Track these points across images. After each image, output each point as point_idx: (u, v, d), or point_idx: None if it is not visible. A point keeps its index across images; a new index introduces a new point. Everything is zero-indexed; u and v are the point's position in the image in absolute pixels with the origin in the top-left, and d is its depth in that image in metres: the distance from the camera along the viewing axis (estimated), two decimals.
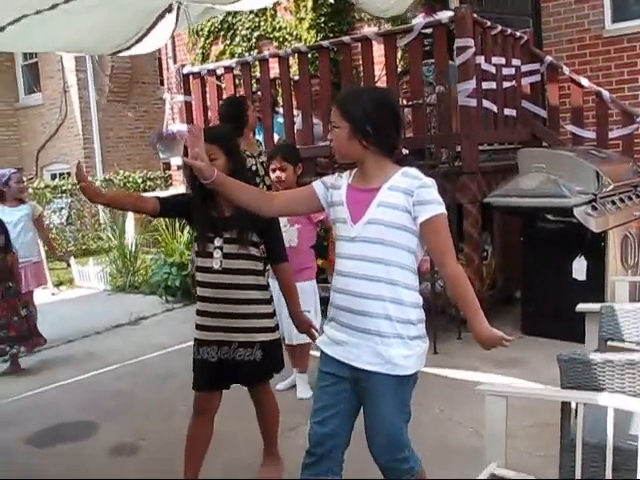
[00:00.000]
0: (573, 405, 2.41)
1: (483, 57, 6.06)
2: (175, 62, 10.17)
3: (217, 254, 3.12)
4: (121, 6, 4.39)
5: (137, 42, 5.29)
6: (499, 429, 2.55)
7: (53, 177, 15.27)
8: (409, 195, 2.42)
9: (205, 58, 10.40)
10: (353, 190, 2.55)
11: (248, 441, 3.79)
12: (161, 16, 4.84)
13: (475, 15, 5.99)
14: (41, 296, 7.69)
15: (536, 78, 7.10)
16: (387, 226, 2.44)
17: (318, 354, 4.38)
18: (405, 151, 2.63)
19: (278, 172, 4.42)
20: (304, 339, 4.38)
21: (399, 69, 6.78)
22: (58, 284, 9.82)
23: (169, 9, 4.73)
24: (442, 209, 2.45)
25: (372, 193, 2.48)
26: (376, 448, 2.55)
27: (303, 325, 3.34)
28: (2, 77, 15.82)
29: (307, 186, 2.76)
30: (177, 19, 4.85)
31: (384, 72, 6.45)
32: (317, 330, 3.38)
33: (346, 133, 2.48)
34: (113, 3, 4.29)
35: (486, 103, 6.17)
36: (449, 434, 3.91)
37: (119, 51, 5.64)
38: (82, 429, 4.42)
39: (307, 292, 4.41)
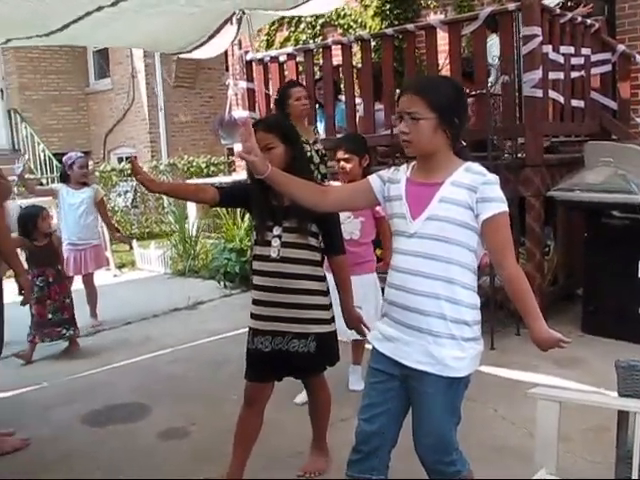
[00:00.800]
0: (630, 414, 2.31)
1: (551, 46, 5.88)
2: (240, 48, 10.19)
3: (275, 243, 3.09)
4: (189, 12, 4.44)
5: (199, 47, 5.36)
6: (551, 434, 2.47)
7: (120, 160, 15.53)
8: (472, 191, 2.34)
9: (270, 45, 10.41)
10: (413, 184, 2.47)
11: (298, 430, 3.77)
12: (225, 23, 4.90)
13: (543, 2, 5.81)
14: (103, 278, 7.85)
15: (607, 68, 6.86)
16: (449, 223, 2.36)
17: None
18: (463, 142, 2.55)
19: (343, 163, 4.34)
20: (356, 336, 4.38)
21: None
22: (120, 266, 9.99)
23: (232, 17, 4.78)
24: (505, 207, 2.36)
25: (434, 188, 2.40)
26: (423, 449, 2.49)
27: (354, 321, 3.30)
28: (74, 62, 16.12)
29: (363, 180, 2.70)
30: (239, 27, 4.89)
31: (447, 61, 6.33)
32: (368, 327, 3.31)
33: (433, 124, 2.36)
34: (181, 8, 4.34)
35: (552, 94, 6.00)
36: (501, 434, 3.82)
37: (180, 53, 5.71)
38: (135, 411, 4.49)
39: (369, 285, 4.39)
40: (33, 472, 3.70)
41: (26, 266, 5.14)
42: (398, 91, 6.77)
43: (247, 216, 8.40)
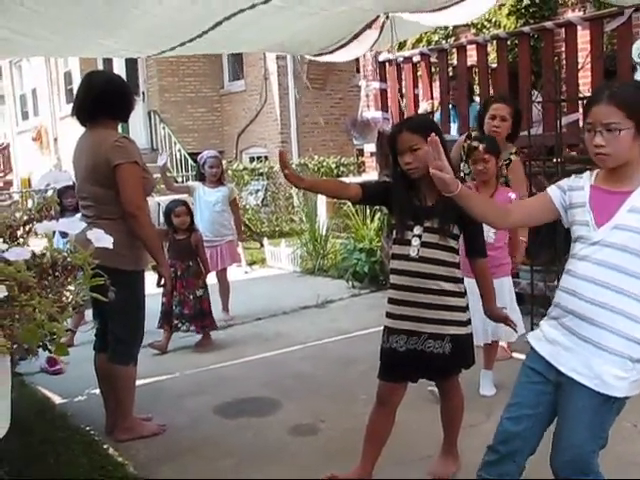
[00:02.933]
0: None
1: None
2: (372, 49, 10.21)
3: (415, 242, 3.08)
4: (335, 14, 4.50)
5: (340, 48, 5.40)
6: None
7: (251, 160, 15.92)
8: None
9: (402, 46, 10.36)
10: (598, 191, 2.38)
11: (429, 432, 3.73)
12: (366, 27, 4.92)
13: None
14: (235, 274, 8.04)
15: None
16: (637, 233, 2.26)
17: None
18: None
19: (481, 164, 4.28)
20: (498, 337, 4.31)
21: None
22: (251, 263, 10.21)
23: (375, 21, 4.80)
24: None
25: (623, 196, 2.31)
26: (559, 463, 2.39)
27: (500, 319, 3.26)
28: (210, 65, 16.65)
29: (541, 194, 2.62)
30: (381, 32, 4.90)
31: (588, 59, 6.08)
32: (515, 324, 3.28)
33: (632, 134, 2.26)
34: (330, 12, 4.41)
35: None
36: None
37: (321, 54, 5.77)
38: (265, 405, 4.57)
39: (505, 288, 4.34)
40: (169, 457, 3.84)
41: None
42: (535, 92, 6.59)
43: (377, 216, 8.40)
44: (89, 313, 4.98)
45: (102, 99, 3.86)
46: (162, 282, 4.15)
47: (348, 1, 4.32)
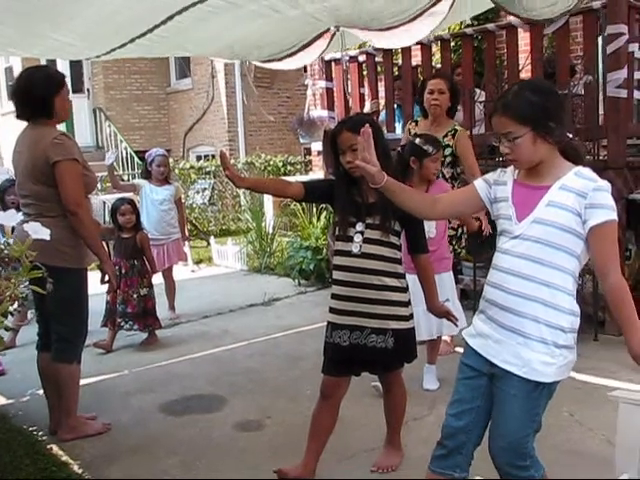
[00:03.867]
0: None
1: (637, 45, 5.73)
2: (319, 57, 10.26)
3: (357, 238, 3.13)
4: (287, 20, 4.54)
5: (290, 55, 5.44)
6: (633, 439, 2.42)
7: (198, 159, 15.83)
8: (582, 197, 2.31)
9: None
10: (520, 186, 2.47)
11: (372, 426, 3.80)
12: (318, 37, 4.98)
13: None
14: (181, 272, 8.02)
15: None
16: (554, 227, 2.34)
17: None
18: (569, 135, 2.52)
19: (438, 164, 4.44)
20: (440, 332, 4.40)
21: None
22: (198, 262, 10.17)
23: (325, 32, 4.86)
24: (614, 216, 2.33)
25: (542, 191, 2.39)
26: (496, 450, 2.48)
27: (441, 313, 3.34)
28: (156, 63, 16.47)
29: (468, 186, 2.71)
30: (330, 41, 4.97)
31: (528, 61, 6.23)
32: (456, 318, 3.36)
33: (530, 138, 2.35)
34: (281, 16, 4.44)
35: (637, 94, 5.85)
36: (578, 440, 3.74)
37: (269, 61, 5.80)
38: (211, 402, 4.58)
39: (446, 283, 4.42)
40: (115, 456, 3.82)
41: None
42: (477, 91, 6.72)
43: (323, 215, 8.46)
44: (31, 313, 4.93)
45: (38, 97, 3.82)
46: (106, 279, 4.13)
47: (300, 5, 4.35)
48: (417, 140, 4.44)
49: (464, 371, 2.58)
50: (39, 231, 1.69)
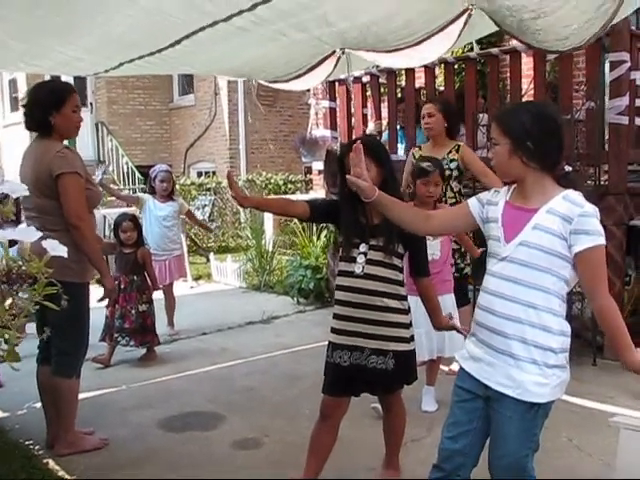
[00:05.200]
0: None
1: (639, 73, 5.78)
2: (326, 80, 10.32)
3: (360, 259, 3.14)
4: (294, 43, 4.58)
5: (296, 77, 5.49)
6: (634, 465, 2.42)
7: (199, 175, 15.85)
8: (567, 222, 2.34)
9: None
10: (510, 208, 2.50)
11: (371, 446, 3.79)
12: (324, 59, 5.03)
13: (633, 28, 5.73)
14: (180, 289, 8.01)
15: None
16: (539, 250, 2.37)
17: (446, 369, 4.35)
18: (568, 168, 2.56)
19: (432, 187, 4.36)
20: (442, 353, 4.40)
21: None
22: (197, 278, 10.18)
23: (332, 54, 4.92)
24: (601, 241, 2.35)
25: (529, 214, 2.42)
26: (496, 472, 2.49)
27: (449, 329, 3.41)
28: (160, 79, 16.51)
29: (462, 204, 2.76)
30: (336, 65, 5.02)
31: (532, 86, 6.28)
32: (465, 330, 3.37)
33: (507, 150, 2.42)
34: (289, 40, 4.49)
35: (639, 121, 5.89)
36: (577, 464, 3.74)
37: (276, 81, 5.85)
38: (210, 419, 4.57)
39: (448, 305, 4.41)
40: (111, 471, 3.80)
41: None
42: (481, 115, 6.77)
43: (323, 234, 8.47)
44: (30, 326, 4.91)
45: (39, 113, 3.85)
46: (103, 297, 4.13)
47: (308, 29, 4.39)
48: (417, 162, 4.50)
49: (459, 394, 2.59)
50: (57, 248, 1.71)
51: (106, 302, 4.51)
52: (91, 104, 16.50)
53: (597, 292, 2.38)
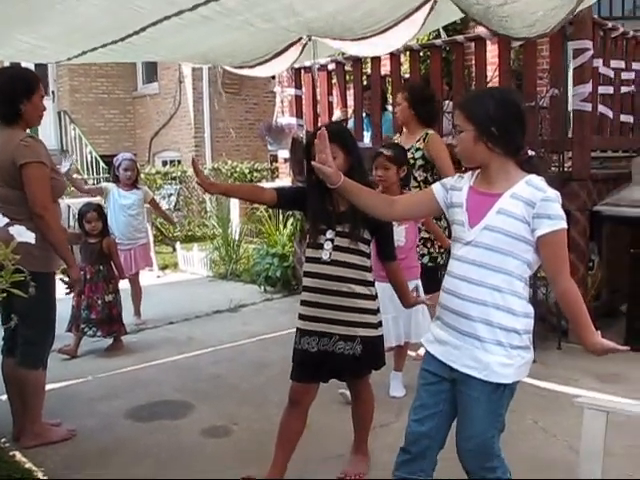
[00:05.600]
0: None
1: (601, 60, 5.86)
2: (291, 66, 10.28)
3: (327, 246, 3.15)
4: (260, 31, 4.57)
5: (262, 63, 5.48)
6: (597, 445, 2.47)
7: (164, 164, 15.75)
8: (530, 206, 2.38)
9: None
10: (474, 193, 2.53)
11: (340, 433, 3.81)
12: (290, 46, 5.03)
13: (595, 16, 5.80)
14: (147, 278, 7.96)
15: None
16: (503, 234, 2.40)
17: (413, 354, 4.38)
18: (531, 152, 2.58)
19: (380, 171, 4.40)
20: (409, 338, 4.43)
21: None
22: (163, 267, 10.12)
23: (298, 41, 4.91)
24: (562, 224, 2.39)
25: (493, 198, 2.45)
26: (464, 453, 2.53)
27: (418, 303, 3.50)
28: (123, 67, 16.30)
29: (427, 189, 2.78)
30: (302, 50, 5.01)
31: (496, 73, 6.33)
32: (426, 302, 3.54)
33: (472, 136, 2.45)
34: (255, 29, 4.47)
35: (602, 108, 5.97)
36: (542, 446, 3.81)
37: (242, 67, 5.83)
38: (178, 408, 4.56)
39: (414, 290, 4.44)
40: (80, 462, 3.78)
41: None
42: (446, 102, 6.82)
43: (290, 222, 8.47)
44: None
45: (5, 100, 3.79)
46: (68, 287, 4.09)
47: (274, 19, 4.38)
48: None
49: (425, 377, 2.62)
50: (23, 234, 1.69)
51: (73, 293, 4.47)
52: (53, 92, 16.26)
53: (559, 275, 2.43)
